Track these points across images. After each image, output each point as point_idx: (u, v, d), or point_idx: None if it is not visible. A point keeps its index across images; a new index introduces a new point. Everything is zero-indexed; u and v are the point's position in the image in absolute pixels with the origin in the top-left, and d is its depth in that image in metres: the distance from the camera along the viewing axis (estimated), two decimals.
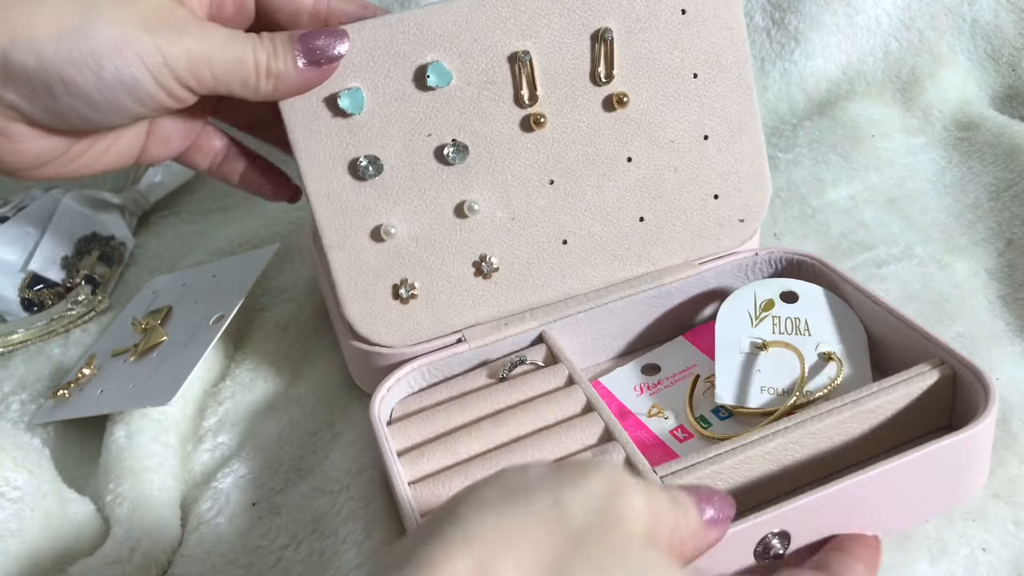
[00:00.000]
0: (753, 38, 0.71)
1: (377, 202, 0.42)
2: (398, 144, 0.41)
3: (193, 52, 0.36)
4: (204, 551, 0.41)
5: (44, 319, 0.57)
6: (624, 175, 0.44)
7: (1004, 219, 0.54)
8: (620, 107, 0.43)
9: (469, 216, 0.43)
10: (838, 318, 0.43)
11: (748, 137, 0.45)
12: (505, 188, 0.43)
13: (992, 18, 0.69)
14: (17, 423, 0.49)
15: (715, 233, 0.46)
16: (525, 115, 0.42)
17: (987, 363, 0.44)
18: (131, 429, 0.45)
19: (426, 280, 0.43)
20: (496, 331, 0.43)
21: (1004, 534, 0.36)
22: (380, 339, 0.43)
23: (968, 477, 0.36)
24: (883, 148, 0.62)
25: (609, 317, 0.45)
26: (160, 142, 0.41)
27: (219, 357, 0.52)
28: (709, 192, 0.45)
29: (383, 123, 0.41)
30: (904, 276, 0.50)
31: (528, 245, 0.44)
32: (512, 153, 0.43)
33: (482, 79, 0.41)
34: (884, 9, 0.70)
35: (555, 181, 0.43)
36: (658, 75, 0.43)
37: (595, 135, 0.43)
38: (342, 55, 0.39)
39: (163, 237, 0.67)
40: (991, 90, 0.68)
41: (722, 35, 0.43)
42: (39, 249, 0.60)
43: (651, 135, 0.44)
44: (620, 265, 0.45)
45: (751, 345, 0.42)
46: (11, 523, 0.39)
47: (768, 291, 0.44)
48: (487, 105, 0.42)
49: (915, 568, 0.35)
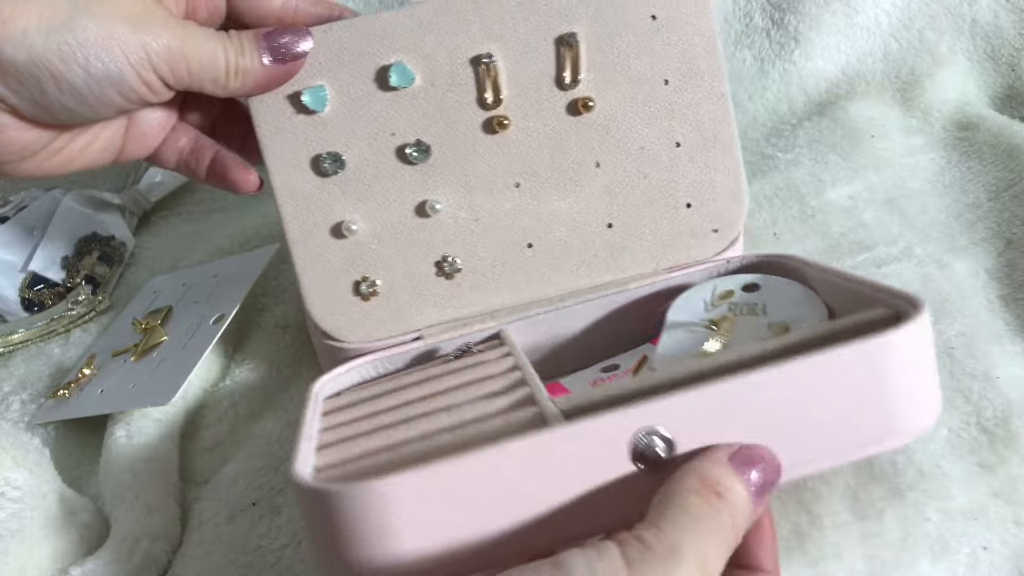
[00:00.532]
0: (753, 38, 0.71)
1: (339, 199, 0.42)
2: (361, 143, 0.42)
3: (172, 49, 0.37)
4: (204, 551, 0.41)
5: (44, 319, 0.57)
6: (592, 181, 0.44)
7: (1004, 219, 0.54)
8: (585, 111, 0.43)
9: (431, 216, 0.43)
10: (798, 300, 0.41)
11: (722, 147, 0.44)
12: (469, 189, 0.43)
13: (992, 18, 0.69)
14: (17, 423, 0.49)
15: (687, 243, 0.45)
16: (489, 117, 0.42)
17: (987, 362, 0.44)
18: (131, 429, 0.45)
19: (388, 278, 0.43)
20: (455, 329, 0.43)
21: (1005, 533, 0.36)
22: (341, 335, 0.43)
23: (898, 402, 0.31)
24: (883, 148, 0.62)
25: (569, 320, 0.44)
26: (138, 139, 0.43)
27: (219, 357, 0.52)
28: (681, 201, 0.44)
29: (347, 122, 0.42)
30: (904, 276, 0.50)
31: (492, 247, 0.44)
32: (476, 155, 0.43)
33: (446, 81, 0.42)
34: (884, 9, 0.70)
35: (520, 184, 0.43)
36: (626, 81, 0.43)
37: (561, 139, 0.43)
38: (305, 52, 0.40)
39: (163, 237, 0.67)
40: (991, 90, 0.68)
41: (694, 42, 0.43)
42: (39, 249, 0.60)
43: (619, 141, 0.44)
44: (587, 272, 0.44)
45: (696, 326, 0.40)
46: (11, 523, 0.39)
47: (730, 283, 0.42)
48: (451, 106, 0.42)
49: (917, 567, 0.35)
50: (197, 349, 0.48)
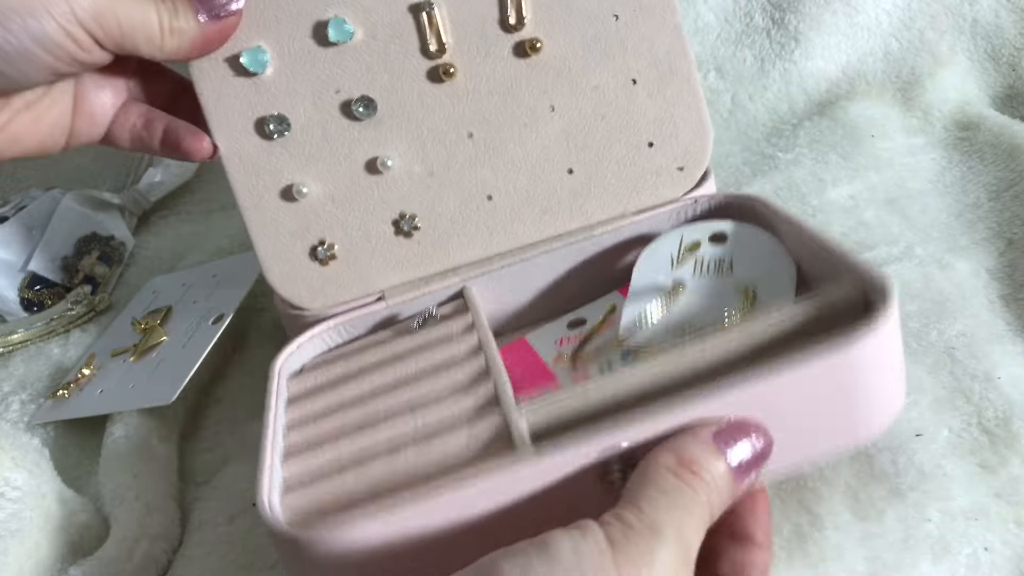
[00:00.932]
0: (753, 38, 0.71)
1: (288, 162, 0.42)
2: (306, 102, 0.41)
3: (99, 4, 0.37)
4: (204, 552, 0.41)
5: (44, 319, 0.57)
6: (548, 125, 0.42)
7: (1005, 219, 0.54)
8: (534, 53, 0.41)
9: (383, 172, 0.42)
10: (766, 255, 0.39)
11: (681, 79, 0.42)
12: (421, 143, 0.42)
13: (992, 18, 0.69)
14: (17, 423, 0.49)
15: (652, 183, 0.43)
16: (434, 66, 0.41)
17: (988, 362, 0.44)
18: (131, 429, 0.45)
19: (344, 240, 0.42)
20: (417, 288, 0.42)
21: (1006, 533, 0.36)
22: (301, 302, 0.43)
23: (865, 403, 0.31)
24: (883, 148, 0.62)
25: (534, 271, 0.43)
26: (87, 118, 0.42)
27: (219, 357, 0.52)
28: (642, 140, 0.43)
29: (289, 82, 0.41)
30: (905, 276, 0.50)
31: (450, 201, 0.43)
32: (424, 107, 0.42)
33: (387, 32, 0.41)
34: (884, 9, 0.70)
35: (474, 134, 0.42)
36: (574, 18, 0.42)
37: (512, 84, 0.42)
38: (240, 9, 0.40)
39: (163, 237, 0.67)
40: (991, 90, 0.68)
41: None
42: (39, 249, 0.60)
43: (572, 82, 0.42)
44: (551, 220, 0.43)
45: (664, 287, 0.39)
46: (10, 523, 0.39)
47: (697, 233, 0.41)
48: (394, 58, 0.41)
49: (918, 567, 0.35)
50: (197, 349, 0.48)
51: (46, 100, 0.41)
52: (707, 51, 0.72)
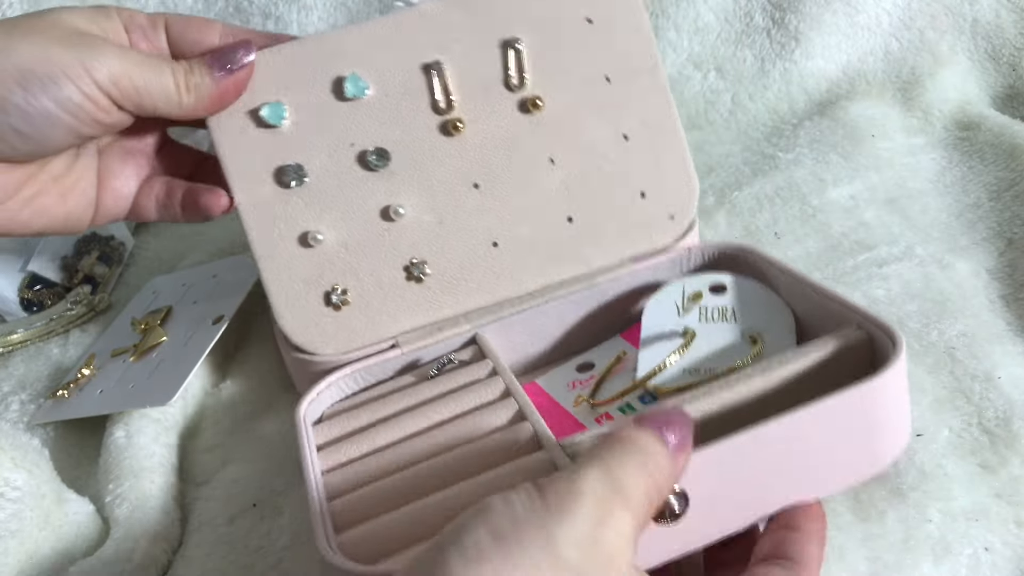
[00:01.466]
0: (753, 38, 0.71)
1: (303, 210, 0.43)
2: (322, 154, 0.43)
3: (113, 66, 0.38)
4: (205, 552, 0.41)
5: (44, 319, 0.57)
6: (548, 176, 0.45)
7: (1005, 219, 0.54)
8: (535, 110, 0.45)
9: (396, 220, 0.44)
10: (764, 304, 0.42)
11: (668, 136, 0.46)
12: (431, 192, 0.44)
13: (992, 18, 0.69)
14: (16, 423, 0.49)
15: (647, 231, 0.46)
16: (443, 121, 0.44)
17: (989, 362, 0.44)
18: (131, 429, 0.45)
19: (357, 286, 0.44)
20: (429, 335, 0.43)
21: (1006, 534, 0.36)
22: (315, 348, 0.43)
23: (882, 436, 0.34)
24: (883, 148, 0.62)
25: (543, 319, 0.45)
26: (111, 192, 0.44)
27: (219, 357, 0.52)
28: (635, 189, 0.46)
29: (306, 133, 0.43)
30: (905, 276, 0.50)
31: (458, 248, 0.44)
32: (434, 159, 0.44)
33: (399, 89, 0.44)
34: (884, 9, 0.70)
35: (479, 184, 0.45)
36: (571, 80, 0.45)
37: (514, 138, 0.45)
38: (251, 61, 0.42)
39: (163, 237, 0.67)
40: (991, 90, 0.68)
41: (630, 40, 0.45)
42: (39, 249, 0.60)
43: (570, 137, 0.45)
44: (553, 267, 0.45)
45: (674, 332, 0.42)
46: (11, 523, 0.39)
47: (697, 284, 0.44)
48: (406, 113, 0.44)
49: (919, 567, 0.35)
50: (197, 349, 0.47)
51: (72, 175, 0.43)
52: (707, 51, 0.72)
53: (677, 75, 0.71)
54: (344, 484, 0.36)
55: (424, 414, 0.39)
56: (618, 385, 0.42)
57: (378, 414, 0.40)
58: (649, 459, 0.27)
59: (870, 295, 0.49)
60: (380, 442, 0.38)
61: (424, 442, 0.37)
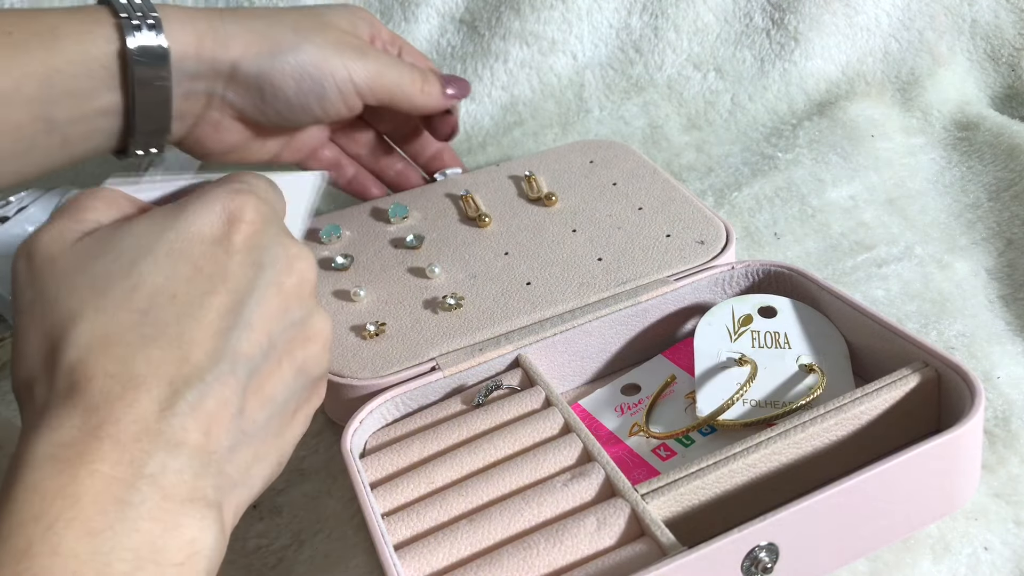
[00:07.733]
0: (753, 38, 0.71)
1: (345, 281, 0.48)
2: (368, 250, 0.50)
3: (370, 70, 0.47)
4: None
5: None
6: (573, 240, 0.49)
7: (1004, 219, 0.54)
8: (550, 203, 0.52)
9: (431, 278, 0.48)
10: (817, 330, 0.42)
11: (678, 204, 0.51)
12: (464, 261, 0.49)
13: (992, 18, 0.69)
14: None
15: (679, 256, 0.47)
16: (472, 218, 0.52)
17: (988, 362, 0.44)
18: None
19: (394, 323, 0.45)
20: (471, 356, 0.42)
21: (1005, 533, 0.36)
22: (352, 371, 0.42)
23: (960, 480, 0.35)
24: (883, 148, 0.62)
25: (586, 338, 0.44)
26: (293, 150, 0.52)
27: None
28: (660, 233, 0.49)
29: (357, 243, 0.51)
30: (905, 276, 0.50)
31: (492, 290, 0.47)
32: (466, 243, 0.50)
33: (436, 212, 0.53)
34: (884, 9, 0.70)
35: (509, 252, 0.49)
36: (580, 188, 0.53)
37: (537, 224, 0.51)
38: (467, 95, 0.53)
39: None
40: (991, 90, 0.68)
41: (628, 165, 0.55)
42: None
43: (588, 216, 0.51)
44: (587, 291, 0.45)
45: (730, 359, 0.41)
46: None
47: (746, 306, 0.43)
48: (441, 222, 0.52)
49: (919, 567, 0.35)
50: None
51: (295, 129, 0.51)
52: (707, 51, 0.72)
53: (677, 75, 0.72)
54: (408, 531, 0.35)
55: (481, 448, 0.37)
56: (669, 410, 0.41)
57: (429, 447, 0.39)
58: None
59: (869, 295, 0.49)
60: (439, 481, 0.37)
61: (487, 484, 0.35)
